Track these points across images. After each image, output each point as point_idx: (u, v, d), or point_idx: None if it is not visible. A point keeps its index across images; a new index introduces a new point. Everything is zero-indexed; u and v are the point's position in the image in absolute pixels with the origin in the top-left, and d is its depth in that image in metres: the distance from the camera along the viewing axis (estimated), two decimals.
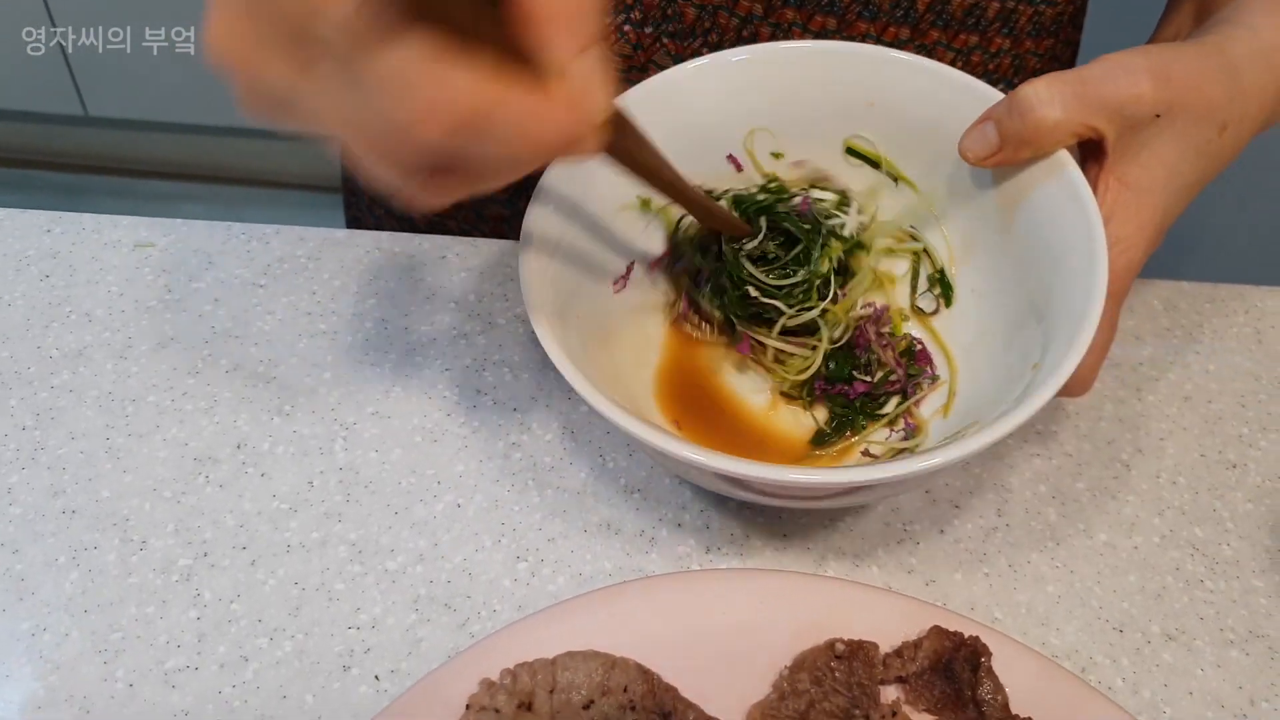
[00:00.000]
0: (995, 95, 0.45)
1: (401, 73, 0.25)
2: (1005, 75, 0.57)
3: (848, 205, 0.50)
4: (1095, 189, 0.42)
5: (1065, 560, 0.46)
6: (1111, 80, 0.41)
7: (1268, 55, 0.44)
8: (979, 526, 0.47)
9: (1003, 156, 0.44)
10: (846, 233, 0.49)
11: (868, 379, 0.48)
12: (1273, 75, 0.44)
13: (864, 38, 0.52)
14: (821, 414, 0.48)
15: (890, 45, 0.53)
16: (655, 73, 0.53)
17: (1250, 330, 0.58)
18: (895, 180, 0.51)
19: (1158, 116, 0.41)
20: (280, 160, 2.06)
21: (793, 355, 0.48)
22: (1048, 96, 0.41)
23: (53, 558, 0.43)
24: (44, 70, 1.92)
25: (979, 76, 0.54)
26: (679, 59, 0.53)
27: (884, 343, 0.48)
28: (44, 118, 2.07)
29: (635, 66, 0.55)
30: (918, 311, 0.51)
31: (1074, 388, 0.42)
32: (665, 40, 0.54)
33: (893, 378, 0.48)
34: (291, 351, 0.51)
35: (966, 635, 0.39)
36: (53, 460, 0.46)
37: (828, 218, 0.49)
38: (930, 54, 0.54)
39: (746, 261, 0.47)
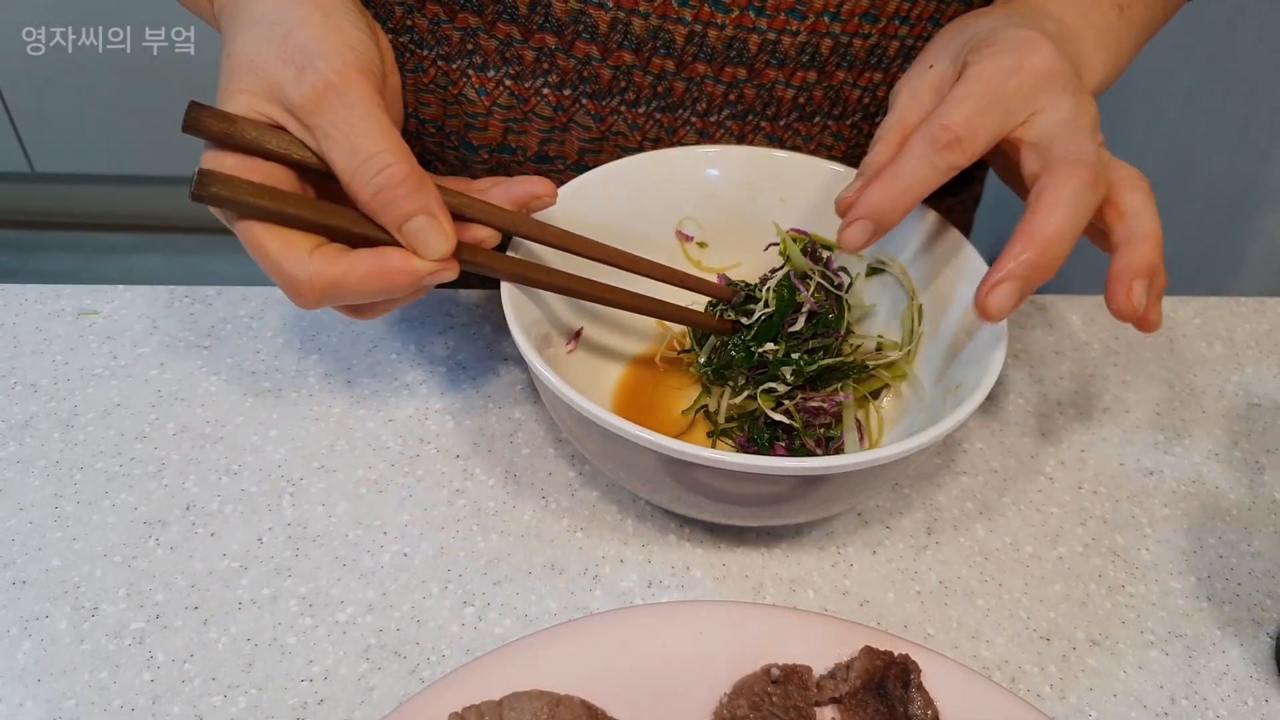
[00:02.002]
0: None
1: (287, 272, 0.41)
2: None
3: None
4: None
5: (994, 574, 0.48)
6: (901, 98, 0.47)
7: None
8: (910, 546, 0.49)
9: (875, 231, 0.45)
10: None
11: (785, 448, 0.50)
12: None
13: (774, 85, 0.54)
14: None
15: (799, 89, 0.55)
16: (577, 132, 0.56)
17: (1164, 339, 0.60)
18: (829, 250, 0.53)
19: (931, 66, 0.47)
20: None
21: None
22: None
23: (4, 629, 0.43)
24: None
25: (885, 110, 0.57)
26: (598, 118, 0.55)
27: (813, 431, 0.50)
28: None
29: (557, 127, 0.57)
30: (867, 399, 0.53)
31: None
32: (584, 101, 0.55)
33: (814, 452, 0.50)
34: (237, 411, 0.53)
35: (896, 654, 0.41)
36: (2, 532, 0.47)
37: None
38: (838, 93, 0.56)
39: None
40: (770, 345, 0.50)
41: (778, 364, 0.49)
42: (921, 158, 0.43)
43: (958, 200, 0.68)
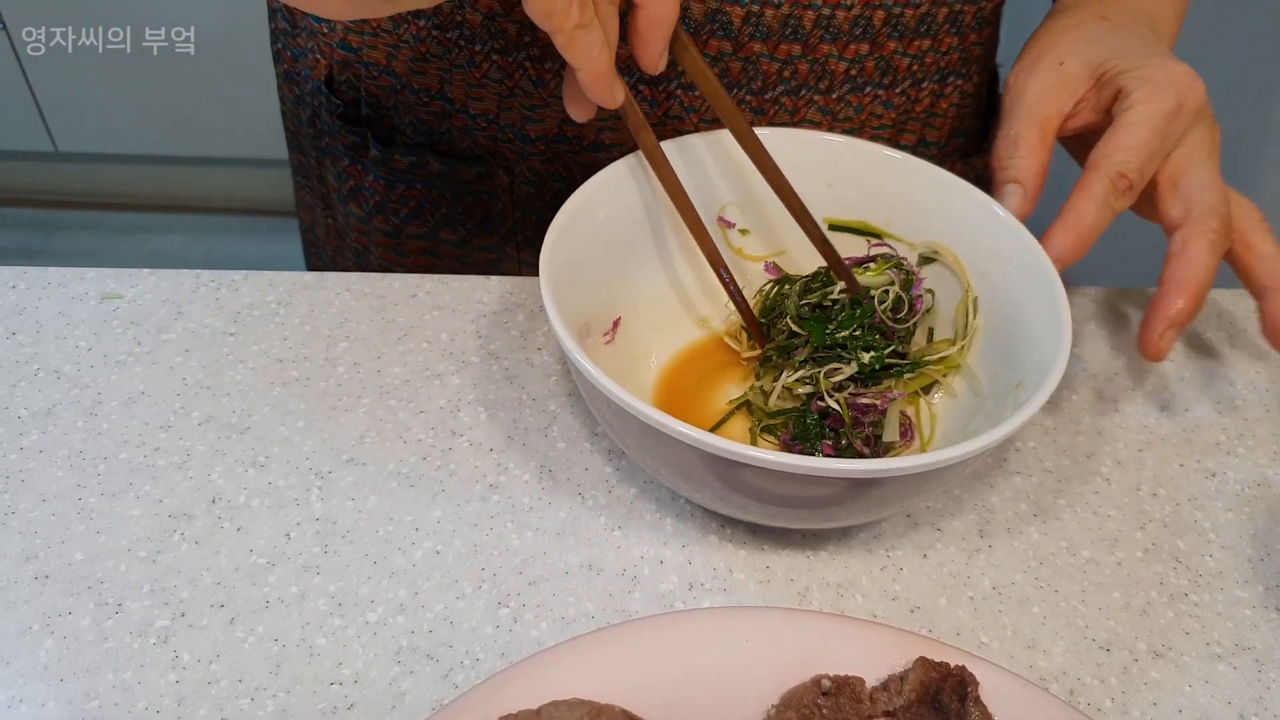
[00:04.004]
0: (926, 166, 0.50)
1: None
2: (954, 68, 0.60)
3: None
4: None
5: (1049, 579, 0.46)
6: (1030, 92, 0.50)
7: None
8: (962, 549, 0.47)
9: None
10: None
11: (832, 447, 0.48)
12: None
13: (827, 59, 0.53)
14: None
15: (851, 61, 0.54)
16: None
17: (1223, 335, 0.58)
18: (879, 237, 0.51)
19: (1061, 64, 0.51)
20: (248, 188, 2.06)
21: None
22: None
23: (27, 626, 0.42)
24: (12, 108, 1.91)
25: (932, 74, 0.56)
26: (655, 103, 0.54)
27: (861, 430, 0.48)
28: (13, 155, 2.06)
29: (614, 114, 0.55)
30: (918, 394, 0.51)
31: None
32: (642, 87, 0.55)
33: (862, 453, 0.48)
34: (264, 400, 0.51)
35: (953, 665, 0.39)
36: (24, 524, 0.45)
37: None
38: (889, 63, 0.54)
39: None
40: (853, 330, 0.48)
41: (858, 341, 0.48)
42: (1103, 204, 0.46)
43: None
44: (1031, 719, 0.38)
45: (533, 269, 0.46)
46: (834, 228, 0.52)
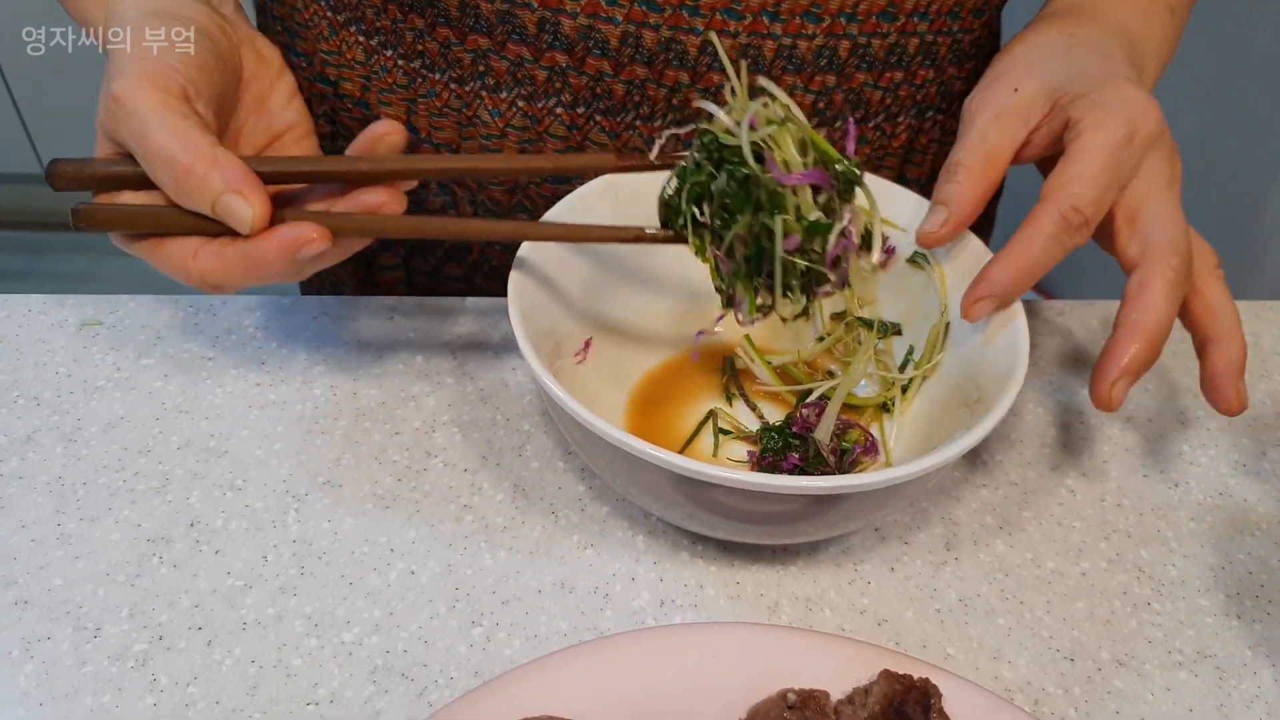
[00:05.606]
0: (894, 187, 0.50)
1: (181, 277, 0.44)
2: (932, 102, 0.59)
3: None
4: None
5: (1015, 591, 0.46)
6: (981, 118, 0.47)
7: None
8: (928, 562, 0.47)
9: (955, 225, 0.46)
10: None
11: (800, 460, 0.49)
12: None
13: (791, 91, 0.53)
14: None
15: (818, 94, 0.54)
16: (593, 150, 0.55)
17: (1188, 346, 0.59)
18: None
19: (1016, 89, 0.47)
20: None
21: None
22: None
23: (6, 651, 0.42)
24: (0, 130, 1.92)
25: (908, 108, 0.56)
26: (614, 134, 0.54)
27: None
28: (1, 178, 2.06)
29: (573, 146, 0.56)
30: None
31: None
32: (599, 118, 0.54)
33: (828, 461, 0.49)
34: (242, 424, 0.52)
35: (916, 677, 0.39)
36: (3, 551, 0.46)
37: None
38: (859, 95, 0.55)
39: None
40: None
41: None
42: (1053, 240, 0.43)
43: None
44: None
45: (489, 290, 0.46)
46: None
